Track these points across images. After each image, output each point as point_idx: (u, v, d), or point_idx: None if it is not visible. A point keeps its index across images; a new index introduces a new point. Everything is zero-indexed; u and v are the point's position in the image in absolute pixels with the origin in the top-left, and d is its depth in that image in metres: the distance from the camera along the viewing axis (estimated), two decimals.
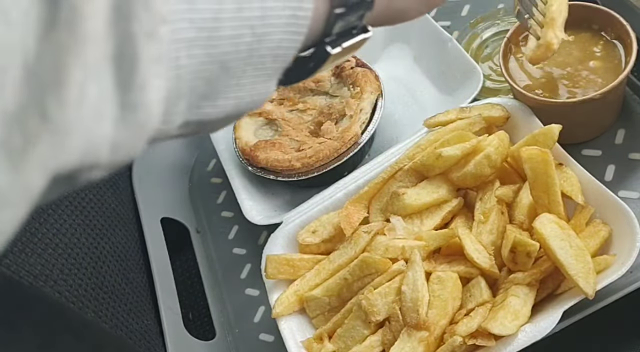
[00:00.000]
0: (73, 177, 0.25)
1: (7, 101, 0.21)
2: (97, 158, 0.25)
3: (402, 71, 0.89)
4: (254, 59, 0.30)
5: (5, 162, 0.21)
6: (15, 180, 0.22)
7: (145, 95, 0.25)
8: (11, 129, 0.21)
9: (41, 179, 0.23)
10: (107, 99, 0.24)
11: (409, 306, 0.58)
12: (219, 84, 0.29)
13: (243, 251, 0.84)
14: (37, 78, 0.21)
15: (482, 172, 0.63)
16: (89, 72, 0.23)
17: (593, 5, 0.68)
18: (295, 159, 0.78)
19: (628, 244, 0.56)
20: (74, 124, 0.23)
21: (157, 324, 0.77)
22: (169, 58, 0.26)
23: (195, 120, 0.30)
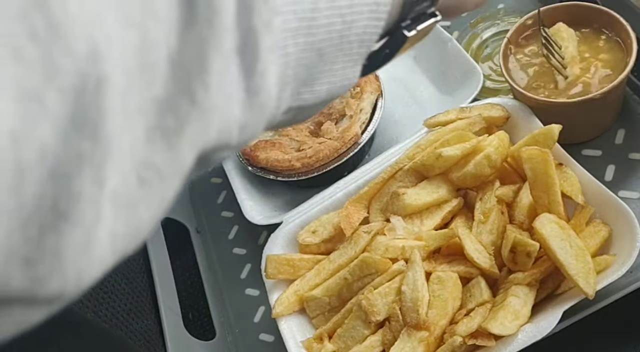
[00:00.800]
0: (209, 157, 0.28)
1: (158, 90, 0.24)
2: (229, 138, 0.28)
3: (402, 71, 0.89)
4: (344, 46, 0.32)
5: (162, 142, 0.24)
6: (171, 157, 0.25)
7: (264, 80, 0.28)
8: (164, 112, 0.24)
9: (191, 156, 0.26)
10: (236, 85, 0.27)
11: (409, 306, 0.58)
12: (315, 70, 0.32)
13: (243, 251, 0.84)
14: (183, 68, 0.25)
15: (482, 172, 0.63)
16: (225, 61, 0.26)
17: (593, 5, 0.68)
18: (295, 159, 0.78)
19: (628, 244, 0.56)
20: (216, 107, 0.26)
21: (157, 324, 0.77)
22: (279, 47, 0.29)
23: (295, 106, 0.32)
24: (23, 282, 0.21)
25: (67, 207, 0.21)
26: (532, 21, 0.71)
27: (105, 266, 0.24)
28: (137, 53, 0.23)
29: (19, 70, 0.19)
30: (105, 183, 0.22)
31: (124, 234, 0.24)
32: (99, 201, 0.22)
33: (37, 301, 0.23)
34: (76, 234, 0.22)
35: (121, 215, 0.24)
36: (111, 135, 0.22)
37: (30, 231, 0.21)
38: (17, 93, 0.19)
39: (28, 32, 0.20)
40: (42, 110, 0.20)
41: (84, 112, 0.21)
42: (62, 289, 0.23)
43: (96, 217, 0.22)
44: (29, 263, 0.21)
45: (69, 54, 0.20)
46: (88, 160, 0.21)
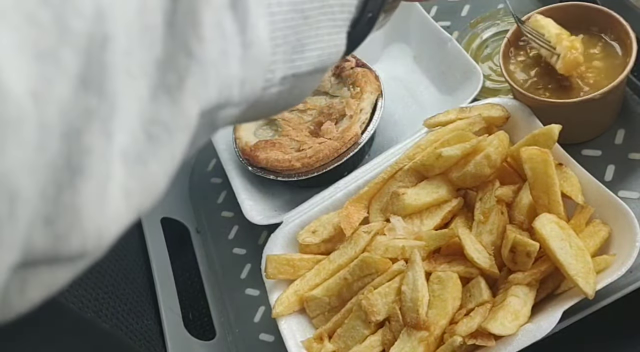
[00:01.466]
0: (215, 115, 0.29)
1: (158, 50, 0.25)
2: (230, 94, 0.29)
3: (402, 71, 0.89)
4: (326, 9, 0.33)
5: (166, 98, 0.25)
6: (176, 111, 0.26)
7: (257, 33, 0.29)
8: (165, 70, 0.25)
9: (195, 109, 0.27)
10: (231, 40, 0.28)
11: (409, 306, 0.58)
12: (302, 35, 0.32)
13: (243, 251, 0.84)
14: (177, 26, 0.26)
15: (482, 172, 0.63)
16: (216, 15, 0.27)
17: (593, 5, 0.68)
18: (295, 159, 0.78)
19: (628, 244, 0.56)
20: (213, 60, 0.27)
21: (157, 324, 0.77)
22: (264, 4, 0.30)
23: (290, 75, 0.33)
24: (45, 241, 0.22)
25: (79, 162, 0.22)
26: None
27: (122, 222, 0.25)
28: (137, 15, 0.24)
29: (35, 33, 0.20)
30: (114, 138, 0.23)
31: (137, 189, 0.25)
32: (108, 156, 0.23)
33: (60, 259, 0.24)
34: (90, 189, 0.23)
35: (132, 171, 0.25)
36: (116, 92, 0.23)
37: (49, 188, 0.22)
38: (35, 54, 0.20)
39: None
40: (58, 69, 0.21)
41: (91, 70, 0.22)
42: (83, 246, 0.24)
43: (107, 172, 0.23)
44: (48, 221, 0.22)
45: (78, 15, 0.22)
46: (96, 116, 0.22)
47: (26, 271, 0.23)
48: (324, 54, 0.34)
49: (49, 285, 0.25)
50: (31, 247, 0.22)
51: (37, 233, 0.22)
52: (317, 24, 0.33)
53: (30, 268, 0.23)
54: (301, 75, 0.34)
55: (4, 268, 0.21)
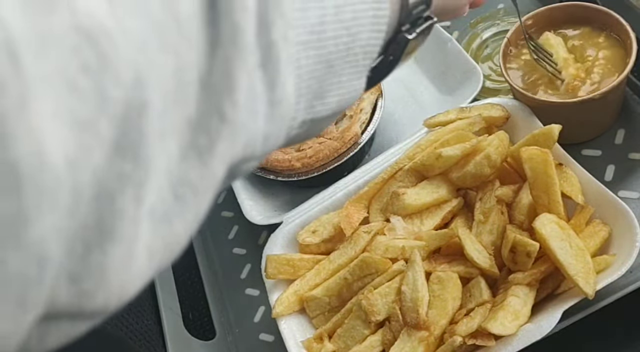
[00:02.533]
0: (237, 168, 0.30)
1: (191, 111, 0.25)
2: (254, 150, 0.29)
3: (402, 71, 0.88)
4: (350, 57, 0.33)
5: (196, 160, 0.26)
6: (205, 173, 0.26)
7: (285, 92, 0.29)
8: (197, 132, 0.25)
9: (222, 170, 0.27)
10: (260, 99, 0.28)
11: (409, 306, 0.58)
12: (325, 83, 0.33)
13: (243, 251, 0.84)
14: (212, 88, 0.26)
15: (482, 172, 0.63)
16: (250, 77, 0.27)
17: (593, 5, 0.68)
18: (295, 159, 0.78)
19: (628, 244, 0.56)
20: (243, 122, 0.27)
21: (157, 324, 0.76)
22: (293, 59, 0.30)
23: (309, 119, 0.33)
24: (70, 298, 0.23)
25: (110, 225, 0.23)
26: (531, 21, 0.71)
27: (144, 279, 0.25)
28: (173, 77, 0.24)
29: (74, 101, 0.20)
30: (144, 201, 0.23)
31: (161, 248, 0.25)
32: (138, 218, 0.23)
33: (83, 315, 0.24)
34: (118, 250, 0.23)
35: (158, 230, 0.25)
36: (150, 156, 0.23)
37: (77, 249, 0.22)
38: (73, 123, 0.20)
39: (80, 65, 0.20)
40: (95, 138, 0.21)
41: (128, 136, 0.22)
42: (107, 303, 0.24)
43: (135, 233, 0.23)
44: (75, 280, 0.22)
45: (117, 83, 0.21)
46: (130, 181, 0.23)
47: (48, 323, 0.23)
48: (343, 99, 0.35)
49: (68, 335, 0.25)
50: (55, 303, 0.22)
51: (62, 290, 0.22)
52: (341, 71, 0.33)
53: (52, 321, 0.23)
54: (319, 119, 0.34)
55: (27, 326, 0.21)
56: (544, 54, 0.68)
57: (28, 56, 0.19)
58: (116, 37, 0.22)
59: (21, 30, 0.19)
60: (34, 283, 0.20)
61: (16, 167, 0.19)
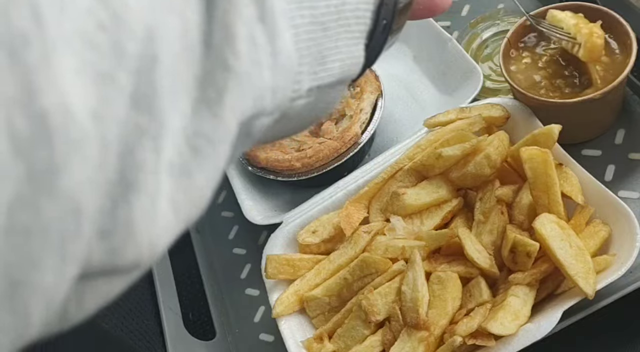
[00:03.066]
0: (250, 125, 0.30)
1: (197, 68, 0.26)
2: (263, 103, 0.30)
3: (402, 71, 0.89)
4: (342, 21, 0.34)
5: (207, 112, 0.27)
6: (217, 124, 0.27)
7: (284, 43, 0.30)
8: (205, 86, 0.27)
9: (234, 121, 0.28)
10: (262, 50, 0.29)
11: (409, 306, 0.58)
12: (323, 47, 0.33)
13: (243, 251, 0.84)
14: (214, 43, 0.27)
15: (482, 172, 0.63)
16: (248, 28, 0.28)
17: (593, 5, 0.68)
18: (295, 159, 0.78)
19: (628, 244, 0.56)
20: (247, 71, 0.28)
21: (157, 324, 0.77)
22: (288, 17, 0.31)
23: (315, 86, 0.34)
24: (102, 255, 0.23)
25: (132, 177, 0.24)
26: (535, 26, 0.71)
27: (172, 233, 0.27)
28: (179, 37, 0.25)
29: (93, 56, 0.22)
30: (162, 154, 0.25)
31: (185, 201, 0.26)
32: (158, 170, 0.25)
33: (117, 271, 0.25)
34: (142, 203, 0.24)
35: (179, 183, 0.26)
36: (163, 110, 0.24)
37: (105, 203, 0.23)
38: (95, 76, 0.22)
39: (96, 24, 0.22)
40: (115, 91, 0.22)
41: (142, 90, 0.24)
42: (138, 258, 0.25)
43: (157, 186, 0.25)
44: (105, 235, 0.23)
45: (132, 38, 0.23)
46: (146, 133, 0.24)
47: (84, 283, 0.24)
48: (344, 65, 0.35)
49: (105, 295, 0.26)
50: (89, 260, 0.23)
51: (94, 246, 0.23)
52: (336, 36, 0.34)
53: (88, 280, 0.24)
54: (324, 87, 0.35)
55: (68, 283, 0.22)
56: (557, 31, 0.67)
57: (50, 15, 0.21)
58: None
59: None
60: (71, 234, 0.21)
61: (45, 118, 0.20)
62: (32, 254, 0.21)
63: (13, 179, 0.20)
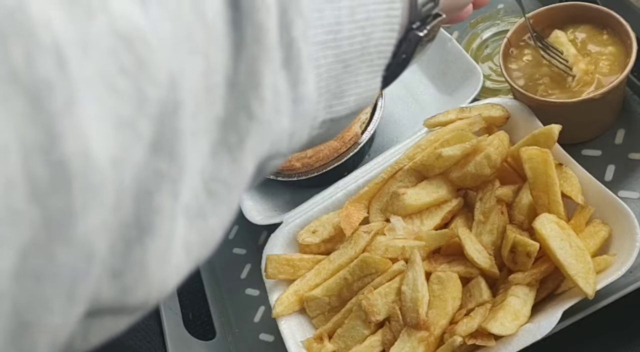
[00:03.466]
0: (264, 165, 0.31)
1: (219, 110, 0.26)
2: (280, 147, 0.30)
3: None
4: (365, 57, 0.34)
5: (227, 157, 0.27)
6: (236, 169, 0.27)
7: (306, 88, 0.30)
8: (226, 129, 0.26)
9: (252, 166, 0.28)
10: (284, 97, 0.29)
11: (409, 306, 0.58)
12: (343, 82, 0.33)
13: (243, 251, 0.84)
14: (239, 87, 0.27)
15: (482, 172, 0.63)
16: (275, 76, 0.28)
17: (593, 5, 0.68)
18: (295, 159, 0.78)
19: (628, 244, 0.56)
20: (270, 119, 0.28)
21: (157, 324, 0.76)
22: (313, 58, 0.31)
23: (328, 119, 0.34)
24: (112, 293, 0.24)
25: (149, 221, 0.24)
26: (531, 21, 0.71)
27: (182, 273, 0.27)
28: (202, 78, 0.25)
29: (115, 101, 0.21)
30: (180, 198, 0.25)
31: (197, 243, 0.27)
32: (174, 214, 0.25)
33: (125, 310, 0.25)
34: (157, 245, 0.24)
35: (193, 226, 0.26)
36: (184, 154, 0.24)
37: (119, 245, 0.23)
38: (116, 122, 0.21)
39: (119, 68, 0.21)
40: (135, 137, 0.22)
41: (164, 135, 0.23)
42: (147, 298, 0.25)
43: (172, 229, 0.25)
44: (116, 275, 0.23)
45: (154, 83, 0.23)
46: (166, 178, 0.24)
47: (91, 320, 0.24)
48: (360, 98, 0.36)
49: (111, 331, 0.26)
50: (99, 298, 0.23)
51: (105, 286, 0.23)
52: (357, 71, 0.34)
53: (95, 317, 0.24)
54: (338, 119, 0.35)
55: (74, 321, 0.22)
56: (555, 52, 0.68)
57: (73, 60, 0.20)
58: (150, 40, 0.22)
59: (66, 35, 0.20)
60: (82, 277, 0.21)
61: (66, 166, 0.20)
62: (43, 297, 0.21)
63: (28, 224, 0.19)
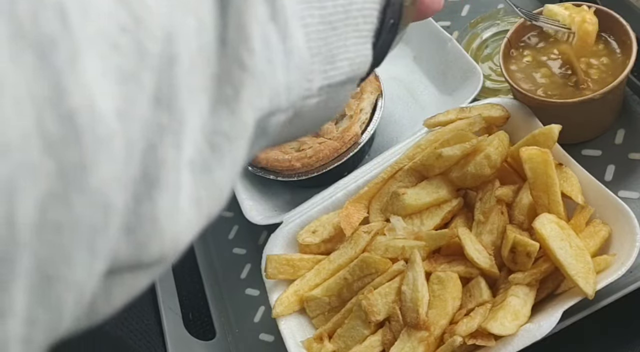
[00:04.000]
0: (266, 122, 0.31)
1: (213, 67, 0.27)
2: (279, 101, 0.31)
3: (402, 71, 0.89)
4: (350, 21, 0.35)
5: (225, 110, 0.27)
6: (235, 121, 0.28)
7: (296, 42, 0.31)
8: (222, 84, 0.27)
9: (251, 118, 0.29)
10: (275, 49, 0.30)
11: (409, 306, 0.58)
12: (333, 46, 0.34)
13: (243, 251, 0.84)
14: (229, 42, 0.28)
15: (482, 172, 0.63)
16: (262, 28, 0.29)
17: (593, 5, 0.68)
18: (295, 159, 0.78)
19: (628, 244, 0.56)
20: (263, 70, 0.29)
21: (157, 324, 0.76)
22: (299, 17, 0.32)
23: (326, 85, 0.35)
24: (128, 250, 0.24)
25: (155, 174, 0.25)
26: (531, 22, 0.71)
27: (195, 228, 0.27)
28: (195, 36, 0.26)
29: (117, 57, 0.23)
30: (183, 151, 0.25)
31: (206, 197, 0.27)
32: (179, 167, 0.25)
33: (142, 266, 0.26)
34: (165, 199, 0.25)
35: (200, 180, 0.27)
36: (183, 108, 0.25)
37: (130, 200, 0.24)
38: (119, 76, 0.23)
39: (118, 26, 0.23)
40: (138, 90, 0.23)
41: (163, 89, 0.24)
42: (162, 253, 0.26)
43: (178, 183, 0.25)
44: (130, 231, 0.24)
45: (153, 39, 0.24)
46: (167, 131, 0.25)
47: (111, 278, 0.25)
48: (353, 64, 0.36)
49: (132, 290, 0.27)
50: (116, 255, 0.24)
51: (121, 242, 0.24)
52: (345, 34, 0.35)
53: (115, 276, 0.25)
54: (335, 85, 0.36)
55: (96, 278, 0.23)
56: (553, 23, 0.68)
57: (76, 19, 0.21)
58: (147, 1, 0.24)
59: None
60: (100, 230, 0.22)
61: (73, 119, 0.21)
62: (64, 249, 0.21)
63: (45, 176, 0.20)
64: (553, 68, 0.68)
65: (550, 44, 0.70)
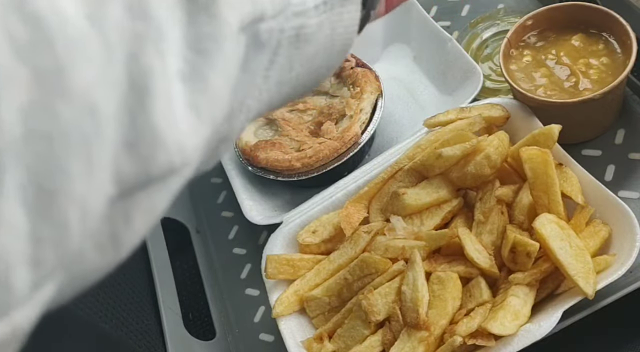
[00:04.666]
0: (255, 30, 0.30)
1: None
2: (263, 5, 0.30)
3: (402, 71, 0.89)
4: None
5: (204, 16, 0.27)
6: (217, 23, 0.27)
7: None
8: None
9: (233, 17, 0.28)
10: None
11: (409, 306, 0.58)
12: None
13: (243, 251, 0.84)
14: None
15: (482, 172, 0.63)
16: None
17: (593, 5, 0.68)
18: (295, 159, 0.78)
19: (628, 244, 0.56)
20: None
21: (157, 324, 0.76)
22: None
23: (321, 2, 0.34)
24: (133, 165, 0.24)
25: (143, 83, 0.24)
26: (532, 22, 0.71)
27: (201, 134, 0.27)
28: None
29: None
30: (167, 59, 0.25)
31: (205, 102, 0.27)
32: (167, 75, 0.25)
33: (152, 181, 0.25)
34: (159, 107, 0.24)
35: (194, 87, 0.27)
36: (160, 18, 0.25)
37: (122, 113, 0.23)
38: None
39: None
40: None
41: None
42: (170, 161, 0.25)
43: (169, 91, 0.25)
44: (131, 145, 0.24)
45: None
46: (147, 39, 0.24)
47: (125, 201, 0.24)
48: None
49: (151, 211, 0.26)
50: (122, 174, 0.24)
51: (123, 159, 0.23)
52: None
53: (127, 198, 0.24)
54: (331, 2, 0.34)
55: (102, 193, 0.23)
56: None
57: None
58: None
59: None
60: (93, 138, 0.22)
61: (39, 20, 0.20)
62: (58, 160, 0.21)
63: (20, 84, 0.20)
64: (552, 68, 0.68)
65: (550, 44, 0.70)
